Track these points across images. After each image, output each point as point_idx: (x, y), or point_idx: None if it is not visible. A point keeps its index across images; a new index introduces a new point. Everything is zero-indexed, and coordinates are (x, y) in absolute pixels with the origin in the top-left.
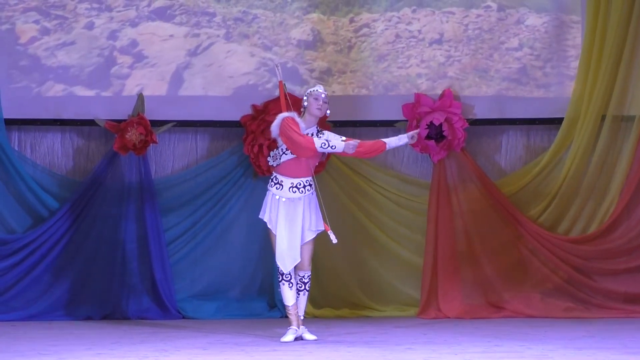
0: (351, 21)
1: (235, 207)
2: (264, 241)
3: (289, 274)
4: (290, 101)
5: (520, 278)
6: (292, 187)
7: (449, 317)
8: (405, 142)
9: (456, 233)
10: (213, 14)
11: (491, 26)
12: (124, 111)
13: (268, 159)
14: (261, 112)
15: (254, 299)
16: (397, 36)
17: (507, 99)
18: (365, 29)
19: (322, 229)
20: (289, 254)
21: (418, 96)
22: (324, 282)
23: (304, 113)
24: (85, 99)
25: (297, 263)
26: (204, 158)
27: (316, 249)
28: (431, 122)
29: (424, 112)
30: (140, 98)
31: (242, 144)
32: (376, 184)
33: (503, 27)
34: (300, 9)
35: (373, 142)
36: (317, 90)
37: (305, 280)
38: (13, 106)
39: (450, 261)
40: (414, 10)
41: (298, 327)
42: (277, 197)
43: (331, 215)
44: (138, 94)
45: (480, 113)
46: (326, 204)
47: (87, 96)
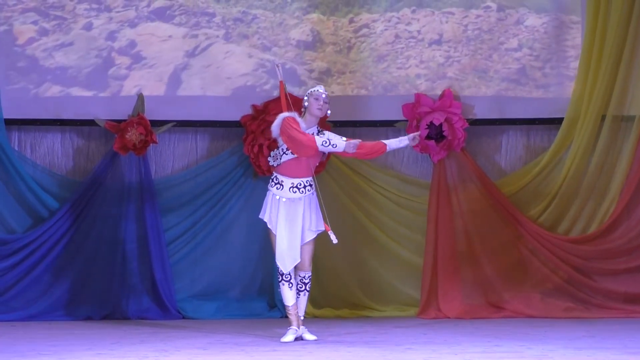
0: (351, 21)
1: (235, 207)
2: (264, 241)
3: (289, 274)
4: (291, 101)
5: (520, 278)
6: (293, 187)
7: (449, 317)
8: (406, 144)
9: (456, 233)
10: (213, 14)
11: (491, 26)
12: (123, 111)
13: (268, 159)
14: (261, 112)
15: (254, 299)
16: (397, 36)
17: (507, 99)
18: (365, 30)
19: (323, 229)
20: (289, 254)
21: (418, 96)
22: (324, 282)
23: (304, 113)
24: (85, 99)
25: (297, 263)
26: (204, 158)
27: (316, 249)
28: (431, 122)
29: (424, 112)
30: (140, 98)
31: (242, 144)
32: (376, 184)
33: (503, 27)
34: (300, 9)
35: (374, 144)
36: (318, 90)
37: (306, 281)
38: (13, 106)
39: (450, 261)
40: (413, 11)
41: (298, 327)
42: (278, 197)
43: (331, 215)
44: (138, 94)
45: (480, 113)
46: (326, 204)
47: (87, 96)
